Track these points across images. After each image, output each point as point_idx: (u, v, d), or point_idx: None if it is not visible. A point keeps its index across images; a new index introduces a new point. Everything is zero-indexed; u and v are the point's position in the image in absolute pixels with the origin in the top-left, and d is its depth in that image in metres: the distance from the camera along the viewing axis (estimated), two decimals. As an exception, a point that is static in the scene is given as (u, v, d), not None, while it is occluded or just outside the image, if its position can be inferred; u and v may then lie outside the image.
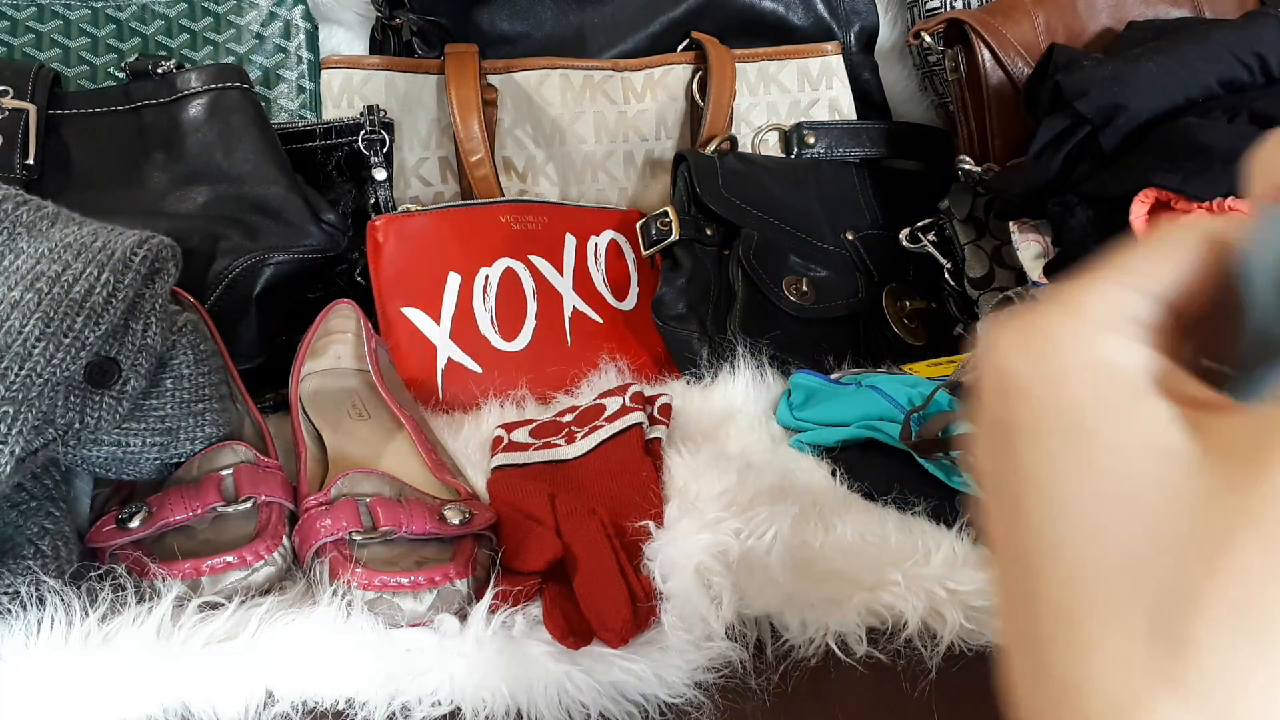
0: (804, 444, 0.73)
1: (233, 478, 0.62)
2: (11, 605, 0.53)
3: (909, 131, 1.08)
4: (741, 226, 0.90)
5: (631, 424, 0.71)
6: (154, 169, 0.84)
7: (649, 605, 0.57)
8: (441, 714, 0.53)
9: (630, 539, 0.62)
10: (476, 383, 0.84)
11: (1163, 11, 0.95)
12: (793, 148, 1.02)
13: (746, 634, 0.58)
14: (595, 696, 0.54)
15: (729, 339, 0.84)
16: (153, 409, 0.61)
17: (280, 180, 0.83)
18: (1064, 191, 0.78)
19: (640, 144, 1.04)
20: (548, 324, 0.89)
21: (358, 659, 0.53)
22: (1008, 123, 0.93)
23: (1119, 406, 0.21)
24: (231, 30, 1.01)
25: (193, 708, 0.51)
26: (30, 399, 0.53)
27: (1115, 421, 0.21)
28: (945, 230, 0.92)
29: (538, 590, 0.59)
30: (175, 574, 0.56)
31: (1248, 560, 0.19)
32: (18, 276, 0.56)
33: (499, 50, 1.05)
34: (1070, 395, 0.22)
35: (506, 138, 1.01)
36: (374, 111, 0.91)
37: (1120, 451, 0.21)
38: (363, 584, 0.56)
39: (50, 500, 0.59)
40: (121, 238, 0.60)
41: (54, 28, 0.97)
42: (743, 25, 1.08)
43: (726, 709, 0.54)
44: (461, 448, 0.76)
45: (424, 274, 0.86)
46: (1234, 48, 0.76)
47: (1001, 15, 0.94)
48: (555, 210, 0.94)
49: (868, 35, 1.14)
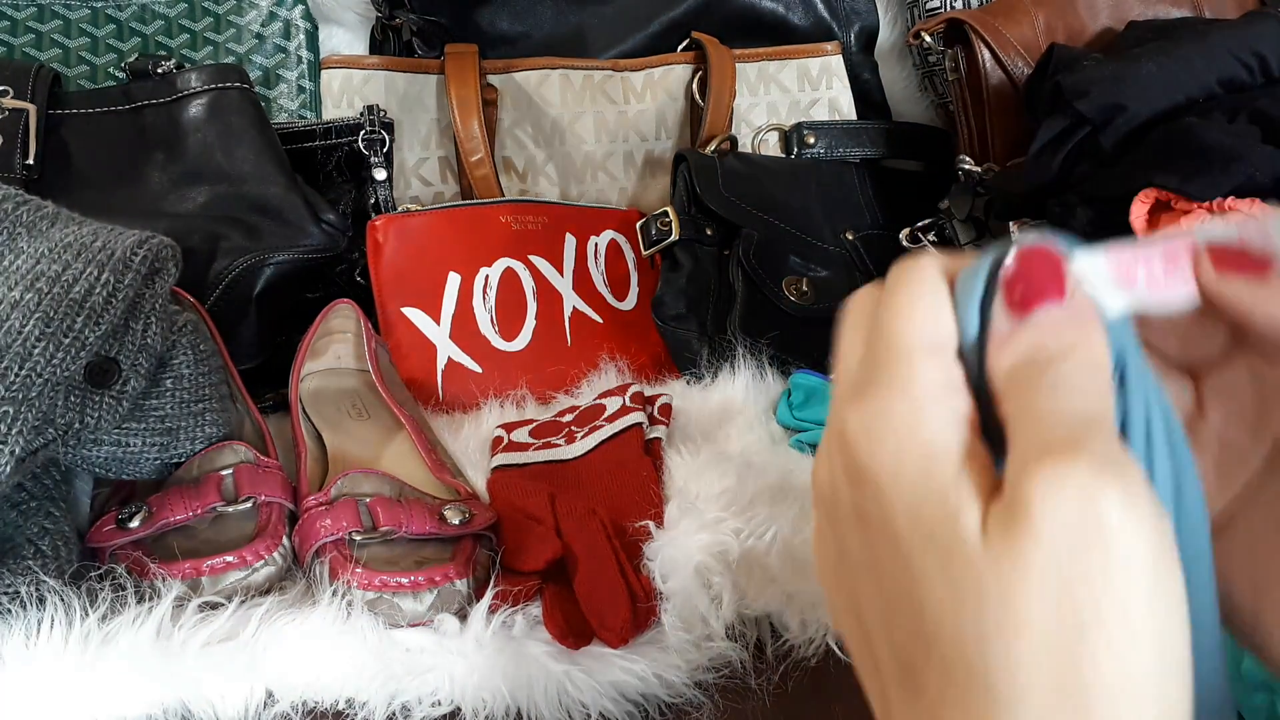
0: (804, 444, 0.73)
1: (233, 478, 0.62)
2: (11, 605, 0.53)
3: (909, 131, 1.08)
4: (741, 226, 0.90)
5: (631, 424, 0.71)
6: (154, 169, 0.84)
7: (649, 605, 0.57)
8: (441, 714, 0.53)
9: (630, 539, 0.62)
10: (476, 383, 0.84)
11: (1163, 11, 0.95)
12: (793, 148, 1.02)
13: (746, 634, 0.58)
14: (595, 696, 0.54)
15: (729, 339, 0.84)
16: (153, 409, 0.61)
17: (280, 180, 0.83)
18: (1064, 191, 0.78)
19: (640, 144, 1.04)
20: (548, 324, 0.89)
21: (358, 659, 0.53)
22: (1008, 123, 0.93)
23: (933, 499, 0.26)
24: (231, 30, 1.01)
25: (193, 708, 0.51)
26: (30, 399, 0.53)
27: (928, 516, 0.26)
28: (945, 230, 0.92)
29: (538, 590, 0.59)
30: (175, 574, 0.56)
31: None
32: (18, 276, 0.56)
33: (499, 50, 1.05)
34: (902, 489, 0.26)
35: (506, 138, 1.01)
36: (374, 111, 0.91)
37: (922, 542, 0.26)
38: (363, 584, 0.56)
39: (50, 500, 0.59)
40: (121, 238, 0.60)
41: (54, 28, 0.97)
42: (743, 25, 1.08)
43: (726, 709, 0.54)
44: (461, 448, 0.76)
45: (424, 274, 0.86)
46: (1234, 48, 0.76)
47: (1001, 15, 0.94)
48: (555, 210, 0.94)
49: (868, 35, 1.14)
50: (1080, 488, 0.23)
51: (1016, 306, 0.27)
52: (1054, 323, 0.27)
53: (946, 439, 0.26)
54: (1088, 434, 0.25)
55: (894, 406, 0.26)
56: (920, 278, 0.28)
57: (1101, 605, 0.23)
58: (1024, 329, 0.27)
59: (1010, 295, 0.27)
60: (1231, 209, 0.66)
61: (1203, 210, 0.67)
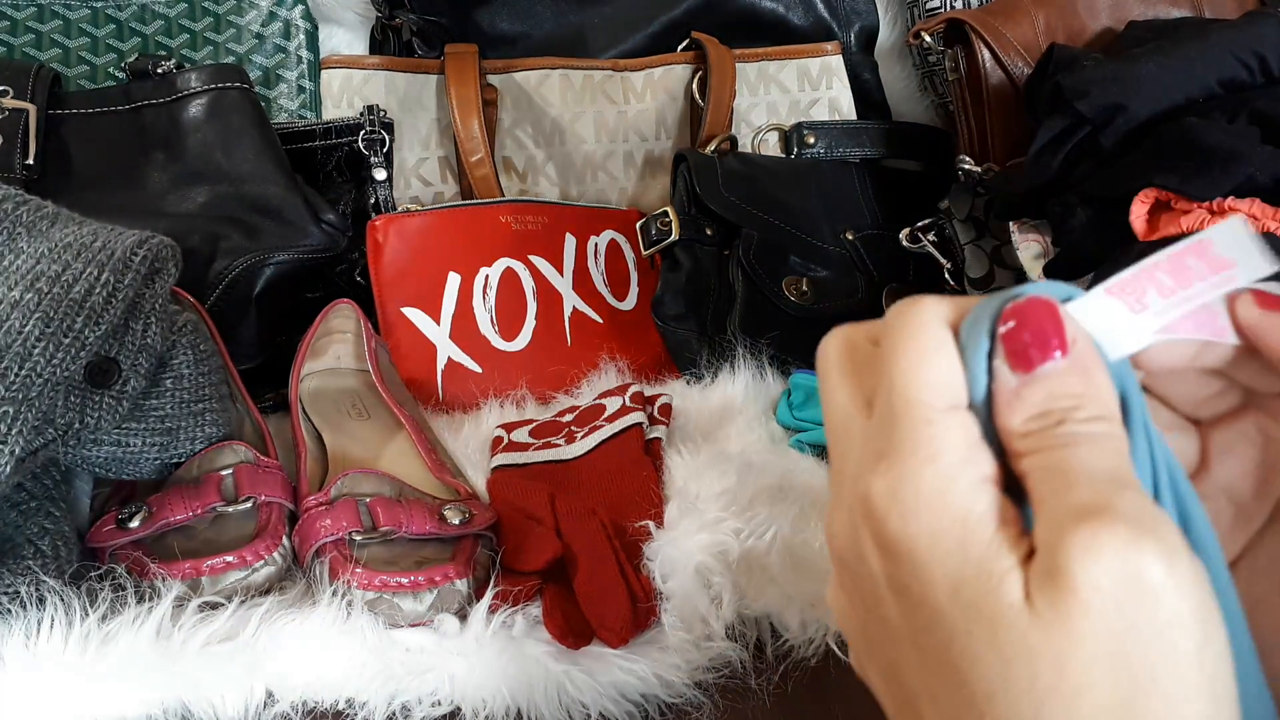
0: (804, 444, 0.73)
1: (233, 478, 0.62)
2: (11, 605, 0.53)
3: (909, 131, 1.08)
4: (741, 226, 0.90)
5: (631, 424, 0.71)
6: (154, 169, 0.84)
7: (649, 605, 0.57)
8: (441, 714, 0.53)
9: (630, 539, 0.62)
10: (476, 383, 0.84)
11: (1163, 11, 0.95)
12: (793, 148, 1.02)
13: (746, 634, 0.58)
14: (595, 696, 0.54)
15: (729, 339, 0.84)
16: (153, 409, 0.61)
17: (280, 180, 0.83)
18: (1064, 191, 0.78)
19: (640, 144, 1.03)
20: (548, 324, 0.89)
21: (358, 659, 0.53)
22: (1008, 123, 0.93)
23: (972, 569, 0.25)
24: (231, 30, 1.01)
25: (193, 708, 0.51)
26: (30, 399, 0.53)
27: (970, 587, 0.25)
28: (945, 230, 0.92)
29: (538, 590, 0.59)
30: (175, 574, 0.56)
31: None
32: (18, 276, 0.56)
33: (499, 50, 1.05)
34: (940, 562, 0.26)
35: (506, 138, 1.01)
36: (374, 111, 0.91)
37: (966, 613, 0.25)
38: (363, 584, 0.56)
39: (50, 500, 0.59)
40: (121, 238, 0.60)
41: (54, 28, 0.97)
42: (743, 25, 1.08)
43: (726, 709, 0.54)
44: (461, 448, 0.76)
45: (424, 274, 0.86)
46: (1234, 48, 0.76)
47: (1001, 15, 0.94)
48: (555, 210, 0.94)
49: (868, 35, 1.14)
50: (1120, 551, 0.24)
51: (1020, 362, 0.27)
52: (1060, 374, 0.27)
53: (980, 507, 0.26)
54: (1115, 492, 0.25)
55: (922, 476, 0.26)
56: (926, 330, 0.28)
57: (1155, 665, 0.24)
58: (1031, 385, 0.27)
59: (1012, 350, 0.27)
60: (1232, 209, 0.66)
61: (1203, 210, 0.67)
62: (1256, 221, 0.65)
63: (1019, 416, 0.27)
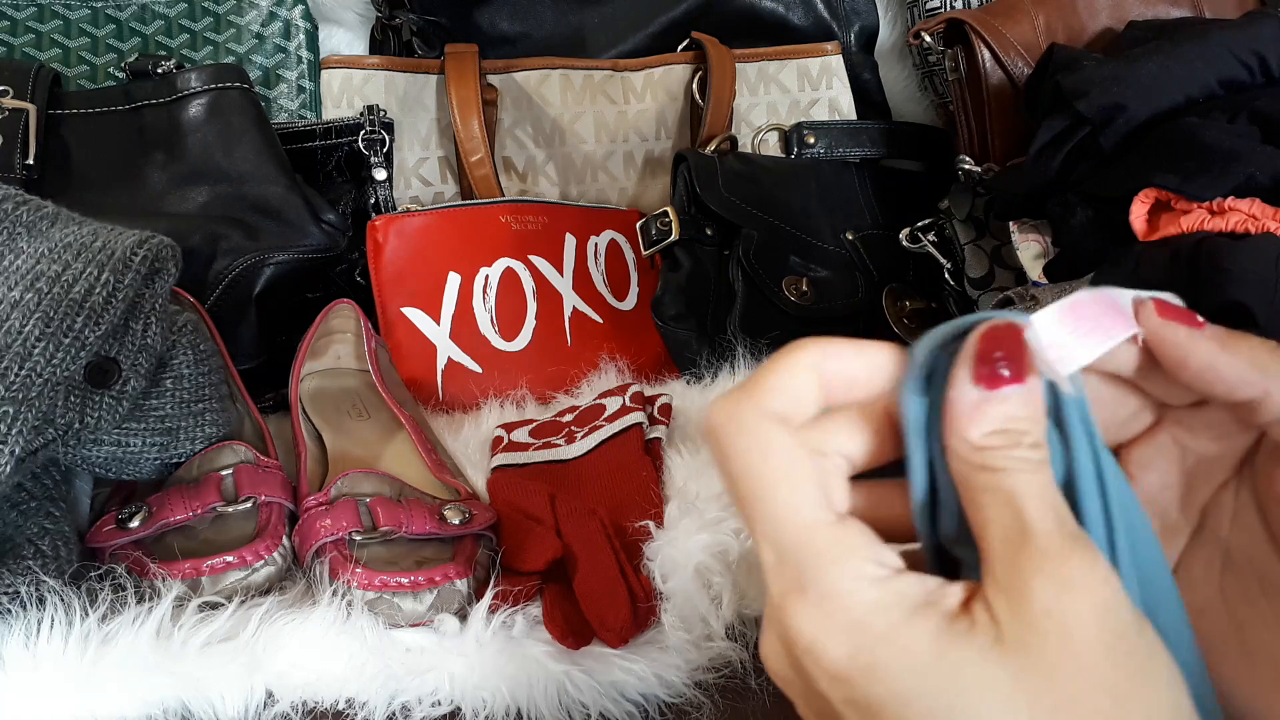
0: (804, 444, 0.73)
1: (233, 478, 0.62)
2: (11, 605, 0.53)
3: (909, 131, 1.08)
4: (741, 226, 0.90)
5: (631, 424, 0.71)
6: (154, 169, 0.84)
7: (649, 605, 0.57)
8: (441, 714, 0.53)
9: (630, 539, 0.62)
10: (476, 383, 0.84)
11: (1163, 11, 0.95)
12: (793, 148, 1.02)
13: (746, 634, 0.58)
14: (595, 696, 0.54)
15: (729, 339, 0.84)
16: (153, 409, 0.61)
17: (280, 180, 0.83)
18: (1064, 191, 0.78)
19: (640, 144, 1.04)
20: (548, 324, 0.89)
21: (358, 659, 0.53)
22: (1008, 123, 0.93)
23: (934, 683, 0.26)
24: (231, 30, 1.01)
25: (193, 708, 0.51)
26: (30, 399, 0.53)
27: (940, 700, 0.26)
28: (945, 230, 0.92)
29: (538, 590, 0.59)
30: (175, 574, 0.56)
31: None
32: (18, 276, 0.56)
33: (499, 50, 1.05)
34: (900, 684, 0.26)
35: (506, 138, 1.01)
36: (374, 111, 0.91)
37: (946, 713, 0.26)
38: (363, 584, 0.56)
39: (50, 500, 0.59)
40: (121, 238, 0.60)
41: (54, 28, 0.97)
42: (743, 25, 1.08)
43: (726, 709, 0.54)
44: (461, 448, 0.76)
45: (424, 274, 0.86)
46: (1234, 48, 0.76)
47: (1001, 15, 0.94)
48: (555, 210, 0.94)
49: (868, 35, 1.14)
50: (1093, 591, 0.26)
51: (989, 379, 0.28)
52: (1018, 399, 0.28)
53: (907, 603, 0.26)
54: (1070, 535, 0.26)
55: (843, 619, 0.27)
56: (770, 448, 0.28)
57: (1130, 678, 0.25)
58: (993, 403, 0.28)
59: (983, 367, 0.28)
60: (1231, 209, 0.66)
61: (1203, 210, 0.67)
62: (1256, 221, 0.65)
63: (978, 430, 0.28)
